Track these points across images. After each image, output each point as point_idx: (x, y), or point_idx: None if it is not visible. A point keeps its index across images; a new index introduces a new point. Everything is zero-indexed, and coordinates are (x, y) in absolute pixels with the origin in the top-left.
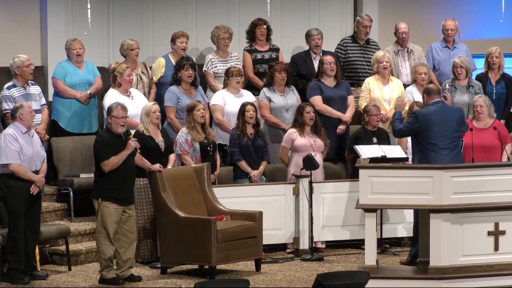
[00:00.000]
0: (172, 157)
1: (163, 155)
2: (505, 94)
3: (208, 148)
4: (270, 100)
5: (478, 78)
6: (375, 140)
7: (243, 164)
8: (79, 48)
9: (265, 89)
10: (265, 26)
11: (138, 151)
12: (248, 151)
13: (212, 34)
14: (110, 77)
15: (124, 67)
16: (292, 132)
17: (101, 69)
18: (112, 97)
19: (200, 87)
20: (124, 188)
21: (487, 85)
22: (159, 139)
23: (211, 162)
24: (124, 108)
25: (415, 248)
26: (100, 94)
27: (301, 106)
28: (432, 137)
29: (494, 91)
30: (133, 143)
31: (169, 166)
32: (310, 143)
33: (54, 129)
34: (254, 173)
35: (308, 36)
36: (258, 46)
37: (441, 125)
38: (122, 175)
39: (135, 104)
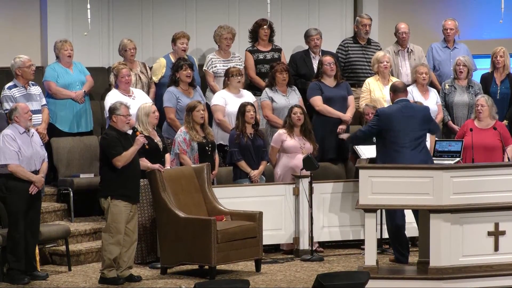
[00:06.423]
0: (168, 156)
1: (161, 155)
2: (509, 94)
3: (207, 148)
4: (272, 100)
5: (484, 77)
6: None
7: (243, 164)
8: (71, 49)
9: (267, 89)
10: (266, 27)
11: (146, 146)
12: (248, 151)
13: (215, 33)
14: (113, 77)
15: (120, 68)
16: (282, 133)
17: (100, 69)
18: (113, 96)
19: (198, 87)
20: (132, 185)
21: (492, 84)
22: (157, 139)
23: (210, 162)
24: (127, 107)
25: (394, 246)
26: (100, 94)
27: (290, 107)
28: (393, 135)
29: (498, 91)
30: (141, 138)
31: (167, 166)
32: (300, 145)
33: (51, 131)
34: (254, 173)
35: (307, 36)
36: (260, 46)
37: (403, 124)
38: (130, 172)
39: (136, 104)
